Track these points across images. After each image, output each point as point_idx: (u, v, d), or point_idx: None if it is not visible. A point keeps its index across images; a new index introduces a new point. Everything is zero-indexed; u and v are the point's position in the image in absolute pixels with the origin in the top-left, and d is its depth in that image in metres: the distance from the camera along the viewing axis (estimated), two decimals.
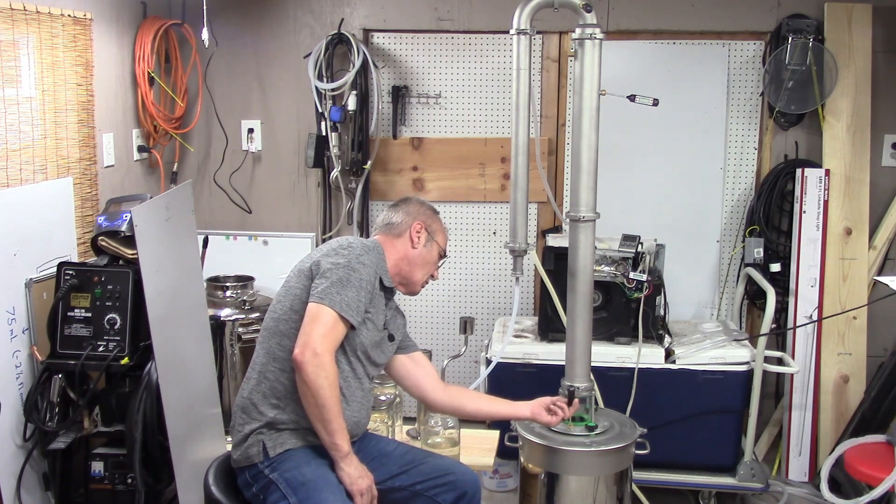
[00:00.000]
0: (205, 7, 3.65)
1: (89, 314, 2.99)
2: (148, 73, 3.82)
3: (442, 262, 2.69)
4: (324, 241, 4.20)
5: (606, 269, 3.45)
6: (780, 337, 3.99)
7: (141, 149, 3.93)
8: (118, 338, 2.98)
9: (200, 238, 3.69)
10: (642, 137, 4.07)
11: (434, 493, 2.51)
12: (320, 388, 2.26)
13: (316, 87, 4.03)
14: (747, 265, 3.97)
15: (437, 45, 4.16)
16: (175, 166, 4.25)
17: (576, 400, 2.77)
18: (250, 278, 3.91)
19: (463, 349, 3.37)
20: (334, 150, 4.06)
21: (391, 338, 2.59)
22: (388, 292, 2.58)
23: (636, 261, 3.47)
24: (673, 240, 3.86)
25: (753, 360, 3.47)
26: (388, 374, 2.73)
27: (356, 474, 2.33)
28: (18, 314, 2.95)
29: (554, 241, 3.58)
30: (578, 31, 2.72)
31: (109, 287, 3.00)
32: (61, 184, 3.25)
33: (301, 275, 2.45)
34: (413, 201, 2.71)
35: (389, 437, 2.90)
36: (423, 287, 2.68)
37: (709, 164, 4.08)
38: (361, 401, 2.49)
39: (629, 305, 3.48)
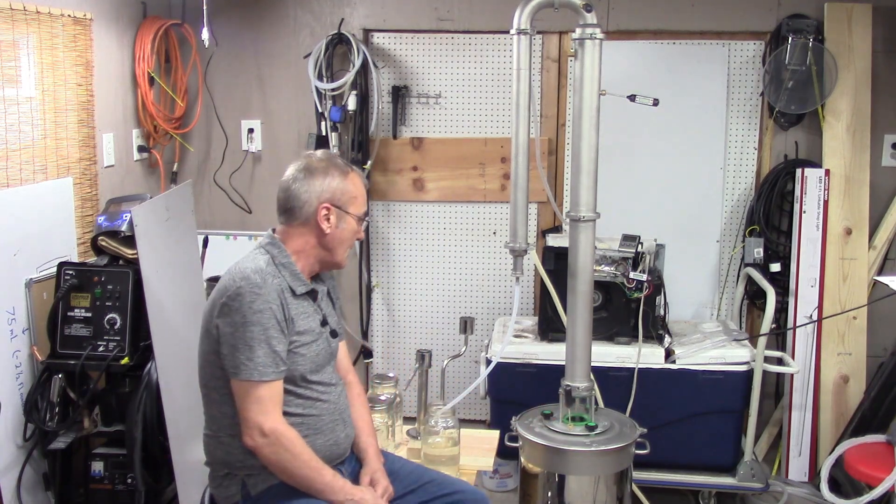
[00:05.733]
0: (205, 7, 3.66)
1: (89, 314, 2.99)
2: (148, 73, 3.82)
3: (364, 223, 2.39)
4: None
5: (606, 269, 3.45)
6: (780, 337, 3.99)
7: (141, 149, 3.93)
8: (118, 338, 2.98)
9: (200, 238, 3.69)
10: (642, 137, 4.07)
11: None
12: (287, 462, 2.17)
13: (316, 87, 4.03)
14: (747, 265, 3.97)
15: (437, 45, 4.16)
16: (175, 166, 4.25)
17: None
18: None
19: (463, 349, 3.37)
20: (334, 150, 4.06)
21: (334, 334, 2.40)
22: (312, 291, 2.36)
23: (636, 261, 3.47)
24: (673, 240, 3.86)
25: (753, 360, 3.47)
26: None
27: (366, 498, 2.24)
28: (18, 314, 2.95)
29: (554, 241, 3.58)
30: (578, 31, 2.72)
31: (109, 287, 3.00)
32: (61, 184, 3.25)
33: (207, 335, 2.25)
34: (314, 170, 2.34)
35: (389, 437, 2.89)
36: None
37: (709, 164, 4.08)
38: (334, 413, 2.34)
39: (629, 305, 3.48)
